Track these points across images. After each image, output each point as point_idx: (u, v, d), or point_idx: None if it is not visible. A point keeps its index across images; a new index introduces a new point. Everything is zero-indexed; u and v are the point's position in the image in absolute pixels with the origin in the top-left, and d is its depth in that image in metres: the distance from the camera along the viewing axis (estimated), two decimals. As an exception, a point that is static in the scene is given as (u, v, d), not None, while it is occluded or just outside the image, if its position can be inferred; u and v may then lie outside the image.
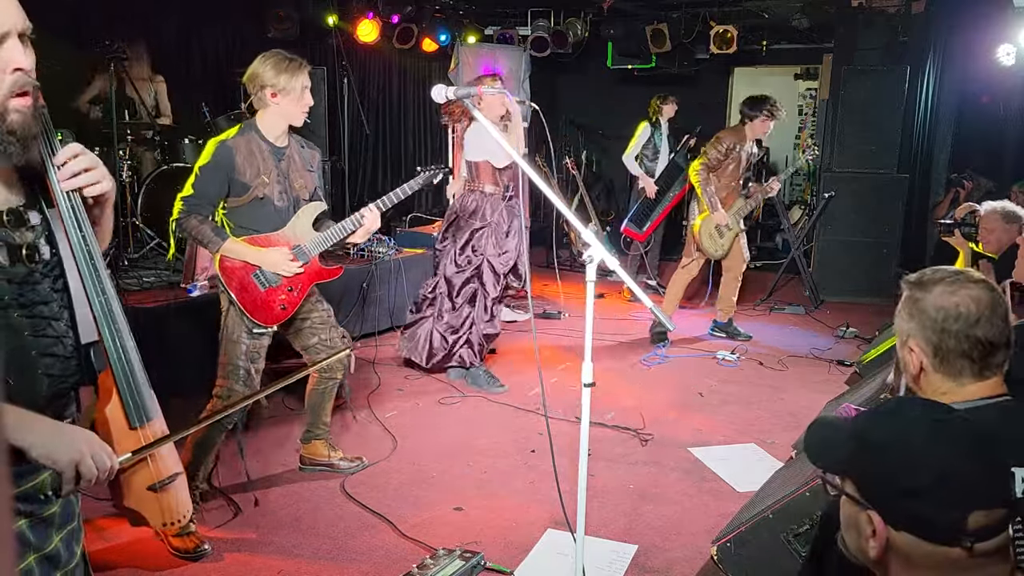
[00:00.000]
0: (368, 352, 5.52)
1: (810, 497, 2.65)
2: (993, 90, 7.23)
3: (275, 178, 3.13)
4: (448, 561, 2.82)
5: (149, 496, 1.64)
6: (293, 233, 3.20)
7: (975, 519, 1.06)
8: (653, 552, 3.10)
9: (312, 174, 3.29)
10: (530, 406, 4.59)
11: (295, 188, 3.20)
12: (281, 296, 3.21)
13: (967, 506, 1.06)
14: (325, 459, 3.70)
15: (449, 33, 8.21)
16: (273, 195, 3.12)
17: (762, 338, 6.15)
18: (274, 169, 3.13)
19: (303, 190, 3.23)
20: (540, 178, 2.52)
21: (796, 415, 4.52)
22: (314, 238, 3.24)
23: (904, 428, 1.15)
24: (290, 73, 3.04)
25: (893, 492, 1.11)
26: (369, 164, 8.42)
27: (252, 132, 3.13)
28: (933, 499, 1.07)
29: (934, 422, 1.14)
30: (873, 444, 1.16)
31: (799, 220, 9.51)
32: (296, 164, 3.21)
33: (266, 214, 3.14)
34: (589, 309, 2.58)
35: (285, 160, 3.18)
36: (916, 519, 1.09)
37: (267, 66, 3.05)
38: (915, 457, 1.11)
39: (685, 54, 8.95)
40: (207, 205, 3.09)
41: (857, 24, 7.50)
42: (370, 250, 6.08)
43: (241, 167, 3.06)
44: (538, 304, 7.02)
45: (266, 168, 3.10)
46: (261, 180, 3.09)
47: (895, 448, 1.13)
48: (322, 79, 7.22)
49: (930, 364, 1.69)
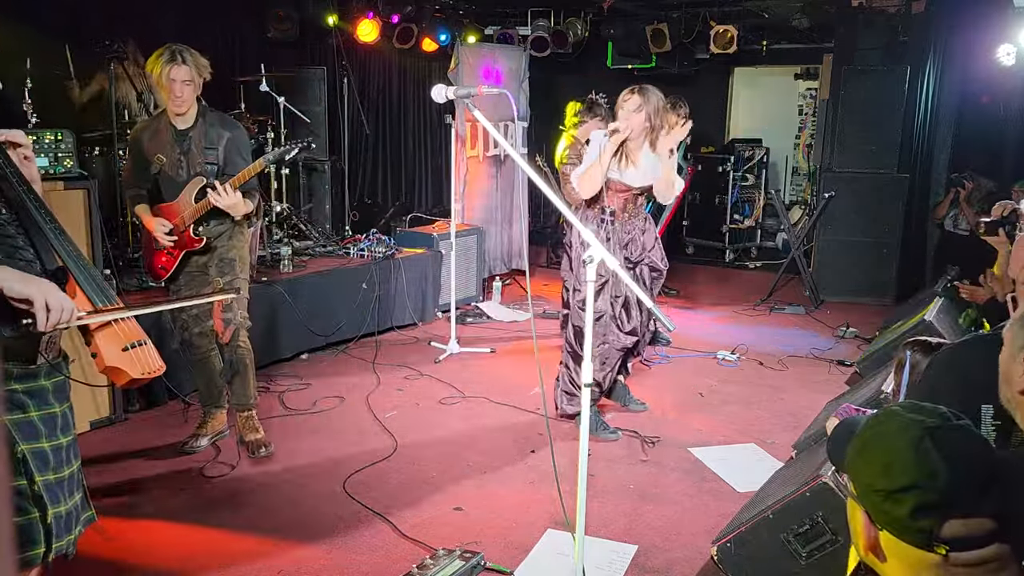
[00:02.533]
0: (368, 352, 5.52)
1: (810, 497, 2.64)
2: (993, 90, 7.21)
3: (173, 156, 3.58)
4: (448, 561, 2.82)
5: (125, 355, 2.05)
6: (179, 204, 3.62)
7: (951, 527, 1.06)
8: (653, 552, 3.09)
9: (210, 151, 3.60)
10: (530, 406, 4.59)
11: (196, 165, 3.58)
12: (163, 258, 3.71)
13: (943, 513, 1.07)
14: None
15: (449, 33, 8.20)
16: (171, 171, 3.59)
17: (762, 338, 6.15)
18: (173, 147, 3.58)
19: (201, 166, 3.59)
20: (540, 178, 2.53)
21: (796, 415, 4.51)
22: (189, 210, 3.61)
23: (894, 431, 1.16)
24: (153, 65, 3.46)
25: (874, 491, 1.13)
26: (369, 164, 8.41)
27: (163, 115, 3.63)
28: (908, 501, 1.09)
29: (926, 427, 1.14)
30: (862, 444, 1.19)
31: (799, 220, 9.51)
32: (197, 143, 3.59)
33: (168, 186, 3.63)
34: (589, 309, 2.58)
35: (187, 140, 3.59)
36: (892, 519, 1.11)
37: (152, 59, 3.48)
38: (894, 460, 1.12)
39: (685, 54, 8.94)
40: (134, 182, 3.68)
41: (857, 24, 7.50)
42: (370, 250, 6.08)
43: (147, 147, 3.60)
44: (538, 304, 7.02)
45: (161, 147, 3.58)
46: (157, 157, 3.58)
47: (881, 449, 1.15)
48: (322, 79, 7.22)
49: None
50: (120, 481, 3.49)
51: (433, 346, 5.74)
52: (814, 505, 2.61)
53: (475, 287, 6.96)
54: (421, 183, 9.08)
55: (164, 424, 4.22)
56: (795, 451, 3.75)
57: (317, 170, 7.21)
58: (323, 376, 5.08)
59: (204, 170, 3.60)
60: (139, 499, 3.42)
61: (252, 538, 3.13)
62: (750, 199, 9.68)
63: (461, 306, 6.50)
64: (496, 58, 7.58)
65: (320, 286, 5.51)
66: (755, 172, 9.67)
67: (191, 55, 3.48)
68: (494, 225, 7.75)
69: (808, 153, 10.12)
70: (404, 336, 6.01)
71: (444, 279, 6.38)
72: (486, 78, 7.31)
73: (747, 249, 9.58)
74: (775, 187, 10.04)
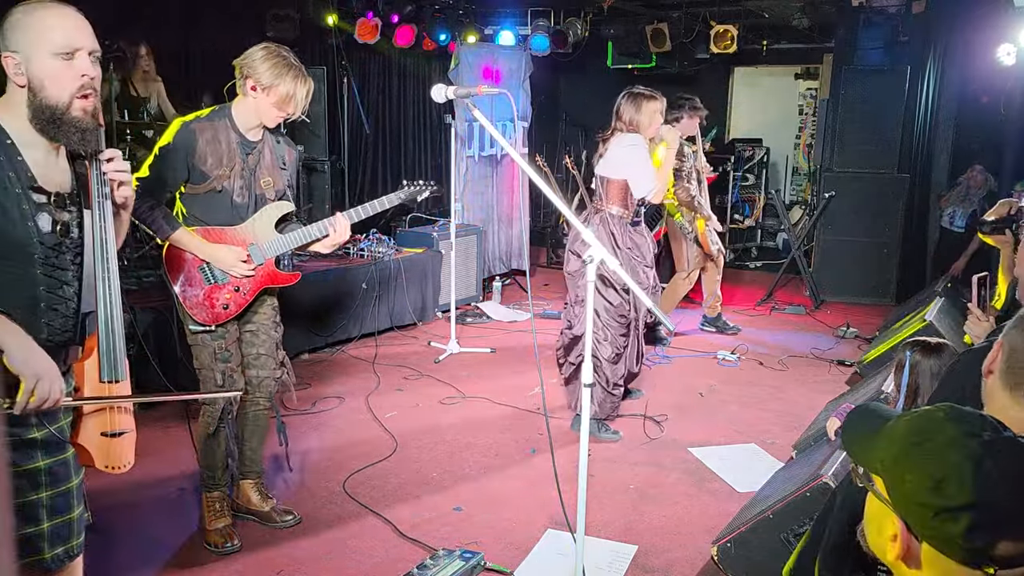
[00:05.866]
0: (368, 352, 5.52)
1: (810, 497, 2.65)
2: (993, 90, 7.22)
3: (238, 172, 2.89)
4: (448, 561, 2.82)
5: (101, 440, 1.95)
6: (251, 231, 2.97)
7: (1004, 547, 1.02)
8: (653, 552, 3.09)
9: (284, 172, 3.06)
10: (530, 406, 4.59)
11: (260, 185, 2.96)
12: (226, 295, 2.95)
13: (998, 533, 1.02)
14: (255, 507, 3.26)
15: (449, 33, 8.21)
16: (233, 189, 2.89)
17: (762, 338, 6.15)
18: (239, 162, 2.89)
19: (269, 188, 2.99)
20: (540, 178, 2.53)
21: (796, 415, 4.51)
22: (273, 240, 3.00)
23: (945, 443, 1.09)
24: (279, 73, 2.80)
25: (922, 505, 1.07)
26: (369, 164, 8.41)
27: (224, 119, 2.89)
28: (963, 521, 1.03)
29: (982, 442, 1.08)
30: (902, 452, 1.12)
31: (799, 220, 9.51)
32: (266, 160, 2.98)
33: (223, 207, 2.90)
34: (589, 309, 2.58)
35: (254, 154, 2.94)
36: (941, 536, 1.05)
37: (259, 57, 2.82)
38: (948, 476, 1.06)
39: (685, 54, 8.94)
40: (162, 189, 2.85)
41: (857, 24, 7.50)
42: (370, 250, 6.08)
43: (202, 153, 2.82)
44: (538, 304, 7.02)
45: (230, 160, 2.87)
46: (222, 171, 2.86)
47: (931, 463, 1.08)
48: (322, 79, 7.22)
49: (999, 367, 1.59)
50: (120, 480, 3.49)
51: (433, 346, 5.74)
52: (814, 505, 2.61)
53: (475, 287, 6.96)
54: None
55: (164, 424, 4.21)
56: (795, 451, 3.75)
57: (317, 170, 7.21)
58: (323, 376, 5.08)
59: (285, 195, 3.06)
60: (139, 498, 3.42)
61: (252, 537, 3.13)
62: (750, 199, 9.69)
63: (461, 306, 6.51)
64: (496, 58, 7.58)
65: (320, 286, 5.51)
66: (755, 172, 9.68)
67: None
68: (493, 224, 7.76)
69: (808, 153, 10.13)
70: (404, 336, 6.02)
71: (444, 279, 6.38)
72: (486, 78, 7.32)
73: (747, 249, 9.58)
74: (775, 187, 10.05)
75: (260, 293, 3.07)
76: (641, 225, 4.30)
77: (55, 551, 1.93)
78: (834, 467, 2.68)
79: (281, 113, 2.88)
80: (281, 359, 3.22)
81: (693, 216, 5.75)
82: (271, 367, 3.17)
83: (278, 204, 3.02)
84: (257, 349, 3.13)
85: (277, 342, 3.19)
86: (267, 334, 3.14)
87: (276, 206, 3.02)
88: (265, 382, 3.17)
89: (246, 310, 3.06)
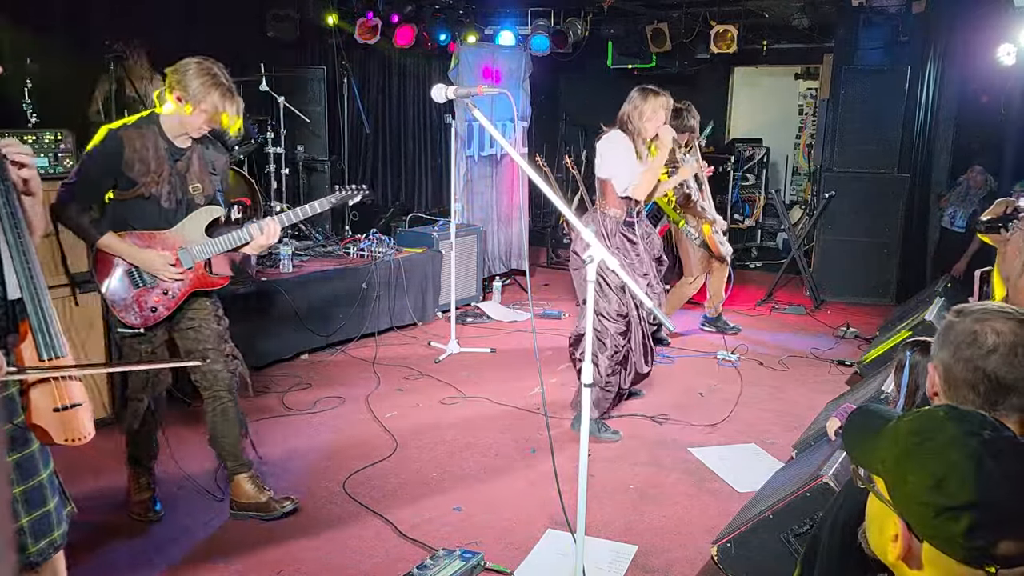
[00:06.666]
0: (368, 352, 5.52)
1: (810, 497, 2.65)
2: (993, 90, 7.22)
3: (166, 178, 2.95)
4: (448, 561, 2.82)
5: (55, 416, 1.95)
6: (180, 235, 3.02)
7: (1005, 547, 1.02)
8: (653, 552, 3.09)
9: (214, 177, 3.11)
10: (530, 406, 4.59)
11: (189, 191, 3.02)
12: (154, 299, 3.01)
13: (999, 533, 1.03)
14: (252, 499, 3.29)
15: (449, 33, 8.21)
16: (161, 195, 2.95)
17: (762, 338, 6.15)
18: (167, 168, 2.95)
19: (198, 194, 3.04)
20: (540, 178, 2.53)
21: (796, 415, 4.51)
22: (202, 244, 3.04)
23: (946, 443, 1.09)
24: (206, 91, 2.85)
25: (924, 505, 1.07)
26: (369, 164, 8.40)
27: (152, 126, 2.95)
28: (965, 520, 1.03)
29: (983, 441, 1.08)
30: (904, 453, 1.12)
31: (799, 220, 9.51)
32: (195, 166, 3.04)
33: (151, 213, 2.97)
34: (589, 309, 2.58)
35: (183, 161, 3.00)
36: (943, 536, 1.05)
37: (191, 72, 2.86)
38: (949, 475, 1.06)
39: (685, 54, 8.95)
40: (89, 195, 2.92)
41: (857, 24, 7.50)
42: (370, 250, 6.08)
43: (128, 160, 2.88)
44: (538, 304, 7.02)
45: (157, 166, 2.93)
46: (150, 178, 2.92)
47: (933, 462, 1.08)
48: (322, 79, 7.22)
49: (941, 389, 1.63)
50: (120, 480, 3.48)
51: (433, 346, 5.74)
52: (814, 505, 2.61)
53: (475, 287, 6.96)
54: (421, 183, 9.08)
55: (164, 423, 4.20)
56: (795, 451, 3.75)
57: (317, 170, 7.21)
58: (323, 376, 5.08)
59: (215, 200, 3.12)
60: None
61: (252, 537, 3.13)
62: (750, 199, 9.70)
63: (461, 306, 6.51)
64: (496, 58, 7.59)
65: (320, 286, 5.51)
66: (755, 172, 9.68)
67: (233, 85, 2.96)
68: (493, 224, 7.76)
69: (808, 153, 10.13)
70: (404, 336, 6.02)
71: (444, 279, 6.38)
72: (486, 78, 7.32)
73: (747, 249, 9.58)
74: (775, 187, 10.05)
75: (196, 296, 3.12)
76: (636, 225, 4.25)
77: (39, 545, 1.96)
78: (834, 467, 2.68)
79: (205, 127, 2.95)
80: (230, 351, 3.25)
81: (698, 221, 5.74)
82: (221, 361, 3.20)
83: (208, 209, 3.08)
84: (203, 345, 3.17)
85: (221, 335, 3.21)
86: (209, 328, 3.17)
87: (206, 211, 3.07)
88: (220, 375, 3.19)
89: (182, 312, 3.12)
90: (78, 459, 3.73)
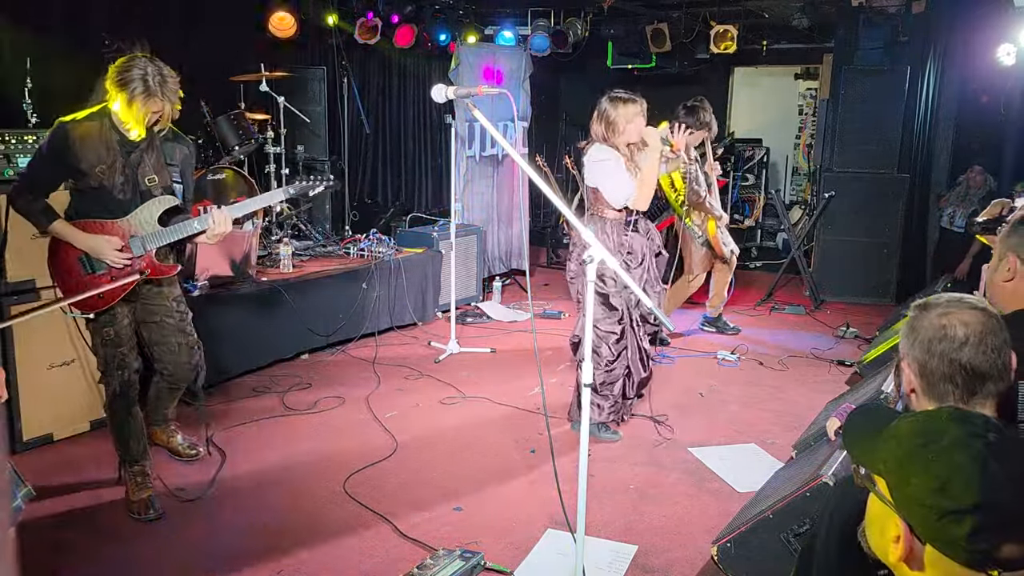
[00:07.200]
0: (368, 352, 5.52)
1: (810, 497, 2.65)
2: (993, 90, 7.22)
3: (119, 169, 3.05)
4: (448, 561, 2.82)
5: None
6: (133, 224, 3.13)
7: (1008, 550, 1.02)
8: (653, 552, 3.09)
9: (172, 168, 3.20)
10: (530, 406, 4.59)
11: (144, 182, 3.12)
12: (102, 284, 3.10)
13: (1003, 536, 1.02)
14: (164, 443, 3.76)
15: (449, 33, 8.21)
16: (114, 186, 3.06)
17: (762, 338, 6.15)
18: (119, 160, 3.05)
19: (154, 185, 3.14)
20: (540, 178, 2.53)
21: (796, 415, 4.51)
22: (154, 232, 3.15)
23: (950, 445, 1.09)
24: (120, 86, 2.93)
25: (927, 507, 1.07)
26: (369, 164, 8.41)
27: (104, 119, 3.06)
28: (968, 523, 1.03)
29: (987, 443, 1.08)
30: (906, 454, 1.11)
31: (799, 220, 9.52)
32: (149, 158, 3.12)
33: (106, 203, 3.08)
34: (589, 309, 2.58)
35: (136, 153, 3.09)
36: (945, 538, 1.05)
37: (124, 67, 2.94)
38: (952, 478, 1.06)
39: (685, 54, 8.94)
40: (41, 185, 3.07)
41: (857, 24, 7.50)
42: (370, 250, 6.08)
43: (79, 152, 3.00)
44: (538, 304, 7.02)
45: (110, 158, 3.03)
46: (101, 169, 3.02)
47: (937, 464, 1.08)
48: (322, 79, 7.22)
49: (918, 385, 1.65)
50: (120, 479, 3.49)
51: (433, 346, 5.74)
52: (814, 505, 2.61)
53: (475, 287, 6.96)
54: (421, 183, 9.08)
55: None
56: (795, 451, 3.75)
57: (317, 170, 7.21)
58: (323, 376, 5.08)
59: (172, 189, 3.20)
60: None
61: (252, 537, 3.13)
62: (750, 199, 9.70)
63: (461, 306, 6.51)
64: (496, 58, 7.59)
65: (320, 286, 5.51)
66: (755, 172, 9.68)
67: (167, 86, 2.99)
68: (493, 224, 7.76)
69: (808, 153, 10.13)
70: (404, 336, 6.02)
71: (444, 279, 6.38)
72: (486, 78, 7.32)
73: (747, 249, 9.57)
74: (775, 187, 10.06)
75: (151, 285, 3.26)
76: (633, 227, 4.14)
77: None
78: (834, 467, 2.68)
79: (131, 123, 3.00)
80: (193, 343, 3.41)
81: (704, 218, 5.72)
82: (186, 353, 3.39)
83: (161, 199, 3.17)
84: (167, 338, 3.35)
85: (181, 326, 3.37)
86: (171, 318, 3.34)
87: (159, 200, 3.16)
88: (181, 368, 3.40)
89: (143, 304, 3.28)
90: (78, 459, 3.74)
